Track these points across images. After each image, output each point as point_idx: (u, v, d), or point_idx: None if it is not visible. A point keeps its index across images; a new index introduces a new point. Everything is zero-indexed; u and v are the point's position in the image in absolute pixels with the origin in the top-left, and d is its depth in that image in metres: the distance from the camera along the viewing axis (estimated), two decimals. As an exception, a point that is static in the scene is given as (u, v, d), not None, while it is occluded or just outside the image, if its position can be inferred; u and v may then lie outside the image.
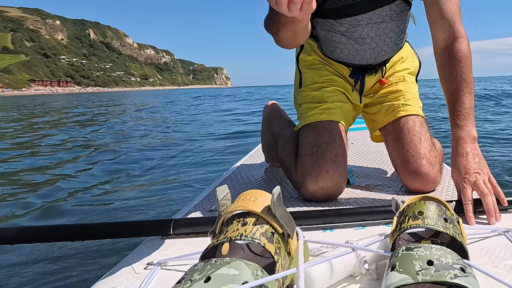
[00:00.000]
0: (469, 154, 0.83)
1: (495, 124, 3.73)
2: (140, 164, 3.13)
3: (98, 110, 10.76)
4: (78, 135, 5.69)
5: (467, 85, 0.90)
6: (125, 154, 3.80)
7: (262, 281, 0.38)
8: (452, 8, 0.95)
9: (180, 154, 3.52)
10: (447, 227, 0.52)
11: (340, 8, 1.03)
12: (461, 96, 0.89)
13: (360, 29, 1.06)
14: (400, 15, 1.07)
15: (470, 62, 0.93)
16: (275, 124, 1.31)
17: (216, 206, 0.51)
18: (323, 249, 0.59)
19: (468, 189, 0.77)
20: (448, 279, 0.39)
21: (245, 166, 1.48)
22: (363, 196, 1.03)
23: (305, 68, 1.20)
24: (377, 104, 1.18)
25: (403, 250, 0.45)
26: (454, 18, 0.95)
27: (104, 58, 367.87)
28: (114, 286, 0.55)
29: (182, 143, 4.42)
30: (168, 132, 5.85)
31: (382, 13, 1.03)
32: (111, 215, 1.70)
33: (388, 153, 1.17)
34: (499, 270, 0.57)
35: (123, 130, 6.24)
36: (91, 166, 3.13)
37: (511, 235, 0.65)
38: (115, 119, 8.29)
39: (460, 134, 0.87)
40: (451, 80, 0.92)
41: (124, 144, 4.57)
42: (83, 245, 1.26)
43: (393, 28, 1.09)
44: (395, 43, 1.14)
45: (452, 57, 0.93)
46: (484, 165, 0.83)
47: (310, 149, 1.00)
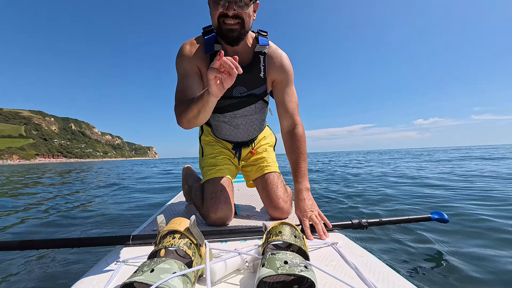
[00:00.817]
0: (306, 199, 1.21)
1: (322, 181, 5.54)
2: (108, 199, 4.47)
3: (76, 170, 16.72)
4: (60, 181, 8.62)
5: (303, 156, 1.31)
6: (91, 195, 5.00)
7: (184, 272, 0.58)
8: (292, 105, 1.37)
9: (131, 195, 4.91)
10: (296, 241, 0.73)
11: (224, 107, 1.43)
12: (300, 163, 1.30)
13: (236, 119, 1.49)
14: (261, 110, 1.52)
15: (304, 141, 1.34)
16: (190, 179, 1.74)
17: (157, 227, 0.72)
18: (221, 253, 0.81)
19: (306, 220, 1.12)
20: (297, 272, 0.58)
21: (174, 204, 1.95)
22: (245, 222, 1.38)
23: (205, 145, 1.63)
24: (250, 166, 1.64)
25: (269, 254, 0.64)
26: (294, 112, 1.37)
27: (80, 141, 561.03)
28: (97, 273, 0.76)
29: (131, 188, 5.87)
30: (116, 181, 7.67)
31: (250, 109, 1.47)
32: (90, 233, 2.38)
33: (259, 195, 1.57)
34: (328, 268, 0.77)
35: (92, 181, 8.11)
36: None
37: (335, 246, 0.93)
38: (86, 174, 12.29)
39: (299, 187, 1.27)
40: (293, 153, 1.33)
41: (95, 188, 6.12)
42: (77, 251, 1.75)
43: (257, 118, 1.53)
44: (259, 127, 1.60)
45: (293, 138, 1.35)
46: (315, 205, 1.21)
47: (210, 195, 1.35)
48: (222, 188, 1.39)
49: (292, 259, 0.61)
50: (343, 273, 0.73)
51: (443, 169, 7.11)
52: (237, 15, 1.16)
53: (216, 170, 1.50)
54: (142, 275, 0.54)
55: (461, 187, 3.99)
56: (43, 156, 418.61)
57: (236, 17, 1.16)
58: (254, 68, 1.36)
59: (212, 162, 1.55)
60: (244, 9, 1.16)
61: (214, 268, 0.69)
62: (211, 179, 1.46)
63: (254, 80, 1.39)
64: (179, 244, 0.65)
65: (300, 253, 0.75)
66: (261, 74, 1.38)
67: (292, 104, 1.39)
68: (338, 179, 5.83)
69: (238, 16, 1.17)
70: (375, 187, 4.42)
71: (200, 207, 1.46)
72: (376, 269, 0.76)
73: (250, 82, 1.39)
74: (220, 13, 1.15)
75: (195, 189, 1.56)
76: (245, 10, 1.16)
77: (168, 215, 1.58)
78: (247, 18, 1.19)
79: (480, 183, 4.24)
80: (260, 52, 1.35)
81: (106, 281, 0.70)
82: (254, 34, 1.37)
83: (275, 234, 0.75)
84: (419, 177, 5.48)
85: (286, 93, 1.39)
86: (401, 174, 6.26)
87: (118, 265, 0.81)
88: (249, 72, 1.36)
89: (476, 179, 4.82)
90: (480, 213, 2.33)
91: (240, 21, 1.18)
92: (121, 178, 9.19)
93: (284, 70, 1.38)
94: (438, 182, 4.65)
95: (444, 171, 6.53)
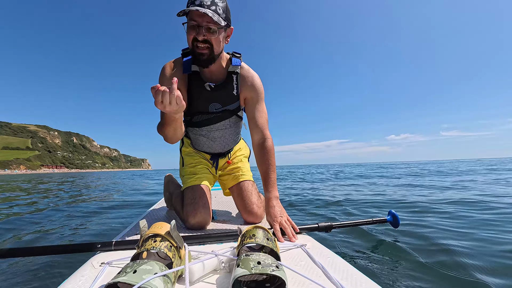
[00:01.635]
0: (275, 206, 1.30)
1: (295, 189, 5.98)
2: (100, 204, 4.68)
3: (78, 180, 16.88)
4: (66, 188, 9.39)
5: (272, 167, 1.41)
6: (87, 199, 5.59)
7: (165, 272, 0.61)
8: (262, 120, 1.48)
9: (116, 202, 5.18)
10: (268, 243, 0.78)
11: (201, 122, 1.53)
12: (269, 174, 1.39)
13: (213, 133, 1.58)
14: (235, 124, 1.63)
15: (273, 153, 1.44)
16: (171, 187, 1.85)
17: (139, 231, 0.75)
18: (200, 255, 0.85)
19: (276, 225, 1.20)
20: (269, 272, 0.62)
21: (155, 210, 2.04)
22: (221, 226, 1.45)
23: (185, 155, 1.70)
24: (227, 175, 1.74)
25: (244, 255, 0.68)
26: (264, 126, 1.47)
27: (81, 153, 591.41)
28: (82, 274, 0.78)
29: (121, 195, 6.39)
30: (112, 190, 8.23)
31: (225, 123, 1.57)
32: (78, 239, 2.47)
33: (234, 202, 1.67)
34: (297, 267, 0.82)
35: (91, 186, 9.62)
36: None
37: (304, 248, 0.99)
38: (87, 182, 14.02)
39: (269, 195, 1.36)
40: (263, 164, 1.43)
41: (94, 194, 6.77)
42: (65, 257, 1.72)
43: (232, 132, 1.63)
44: (234, 140, 1.70)
45: (263, 151, 1.44)
46: (283, 211, 1.29)
47: (190, 201, 1.41)
48: (201, 195, 1.45)
49: (265, 259, 0.66)
50: (311, 272, 0.79)
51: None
52: (207, 40, 1.25)
53: (195, 178, 1.56)
54: (126, 275, 0.57)
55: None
56: (48, 167, 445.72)
57: (205, 41, 1.25)
58: (228, 86, 1.46)
59: (192, 171, 1.62)
60: (214, 35, 1.24)
61: (192, 268, 0.72)
62: (190, 186, 1.52)
63: (228, 97, 1.49)
64: (160, 247, 0.69)
65: (272, 254, 0.80)
66: (234, 92, 1.49)
67: (262, 120, 1.49)
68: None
69: (207, 41, 1.26)
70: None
71: (180, 212, 1.53)
72: (341, 268, 0.82)
73: (224, 99, 1.49)
74: (192, 38, 1.25)
75: (176, 195, 1.64)
76: (214, 36, 1.25)
77: (150, 220, 1.64)
78: (216, 43, 1.28)
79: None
80: (233, 72, 1.46)
81: (91, 282, 0.72)
82: (228, 55, 1.47)
83: (249, 237, 0.80)
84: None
85: (257, 110, 1.49)
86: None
87: (102, 266, 0.83)
88: (223, 89, 1.46)
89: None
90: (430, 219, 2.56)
91: (210, 46, 1.27)
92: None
93: (255, 88, 1.49)
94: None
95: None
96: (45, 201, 5.27)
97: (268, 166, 1.41)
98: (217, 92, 1.46)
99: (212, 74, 1.44)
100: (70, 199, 5.69)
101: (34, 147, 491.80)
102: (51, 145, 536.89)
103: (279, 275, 0.62)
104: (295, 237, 1.14)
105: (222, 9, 1.23)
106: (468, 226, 2.30)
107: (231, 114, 1.56)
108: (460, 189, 5.19)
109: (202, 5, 1.18)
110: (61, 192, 7.70)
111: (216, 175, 1.75)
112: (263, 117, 1.50)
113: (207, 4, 1.19)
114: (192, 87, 1.43)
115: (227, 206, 2.10)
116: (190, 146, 1.72)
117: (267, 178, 1.39)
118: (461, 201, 3.60)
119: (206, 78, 1.45)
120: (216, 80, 1.45)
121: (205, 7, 1.18)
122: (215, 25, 1.22)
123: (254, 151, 1.50)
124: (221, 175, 1.77)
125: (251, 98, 1.49)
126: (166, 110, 0.98)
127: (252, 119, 1.49)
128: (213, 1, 1.20)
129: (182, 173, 1.67)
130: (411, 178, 8.97)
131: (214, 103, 1.49)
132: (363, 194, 4.80)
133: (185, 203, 1.43)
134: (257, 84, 1.49)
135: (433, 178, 8.36)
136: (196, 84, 1.43)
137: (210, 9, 1.18)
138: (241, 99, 1.53)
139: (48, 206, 4.45)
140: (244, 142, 1.93)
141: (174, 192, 1.71)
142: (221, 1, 1.24)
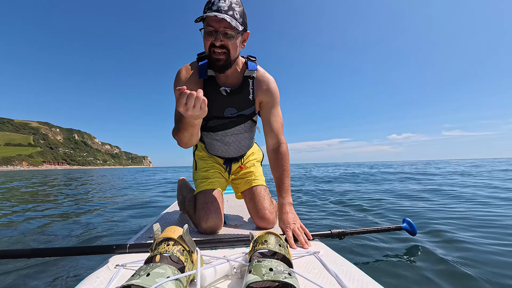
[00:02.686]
0: (288, 213, 1.29)
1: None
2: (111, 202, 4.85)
3: (80, 176, 17.73)
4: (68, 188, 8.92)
5: (286, 172, 1.39)
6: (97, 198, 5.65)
7: (178, 276, 0.61)
8: (277, 125, 1.47)
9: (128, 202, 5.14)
10: (280, 249, 0.77)
11: (216, 126, 1.53)
12: (283, 179, 1.38)
13: (227, 137, 1.58)
14: (250, 128, 1.62)
15: (288, 159, 1.43)
16: (184, 190, 1.88)
17: (153, 234, 0.76)
18: (211, 260, 0.85)
19: (289, 232, 1.19)
20: (282, 279, 0.61)
21: (169, 213, 2.06)
22: (233, 231, 1.45)
23: (198, 159, 1.72)
24: (239, 179, 1.73)
25: (256, 261, 0.67)
26: (279, 131, 1.47)
27: (82, 150, 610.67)
28: (98, 276, 0.80)
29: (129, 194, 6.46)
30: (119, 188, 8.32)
31: (239, 128, 1.57)
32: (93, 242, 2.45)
33: (247, 206, 1.66)
34: (310, 275, 0.81)
35: (93, 186, 9.21)
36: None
37: (317, 255, 0.98)
38: (88, 179, 14.13)
39: (283, 202, 1.35)
40: (277, 169, 1.42)
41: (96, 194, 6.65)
42: (82, 257, 1.78)
43: (246, 136, 1.63)
44: (248, 144, 1.70)
45: (277, 156, 1.43)
46: (297, 218, 1.28)
47: (202, 205, 1.42)
48: (213, 199, 1.46)
49: (277, 266, 0.65)
50: (325, 281, 0.77)
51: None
52: (224, 45, 1.25)
53: (208, 183, 1.57)
54: (139, 278, 0.58)
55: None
56: (50, 163, 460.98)
57: (222, 47, 1.25)
58: (244, 91, 1.46)
59: (205, 175, 1.63)
60: (231, 40, 1.25)
61: (204, 273, 0.73)
62: (203, 190, 1.53)
63: (244, 102, 1.48)
64: (173, 251, 0.69)
65: (284, 261, 0.79)
66: (250, 97, 1.48)
67: (277, 124, 1.48)
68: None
69: (225, 47, 1.26)
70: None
71: (192, 216, 1.54)
72: (355, 277, 0.80)
73: (240, 104, 1.48)
74: (210, 43, 1.25)
75: (188, 199, 1.65)
76: (231, 42, 1.25)
77: (163, 223, 1.66)
78: (233, 49, 1.28)
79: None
80: (249, 76, 1.45)
81: (106, 284, 0.74)
82: (243, 59, 1.47)
83: (261, 242, 0.80)
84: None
85: (272, 114, 1.48)
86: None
87: (117, 269, 0.85)
88: (239, 94, 1.46)
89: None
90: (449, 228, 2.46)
91: (226, 51, 1.27)
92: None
93: (271, 93, 1.48)
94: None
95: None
96: (59, 201, 5.37)
97: (282, 171, 1.41)
98: (233, 97, 1.45)
99: (228, 79, 1.44)
100: (80, 198, 5.80)
101: (36, 143, 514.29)
102: (52, 141, 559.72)
103: (292, 282, 0.61)
104: (308, 244, 1.13)
105: (239, 14, 1.23)
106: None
107: (246, 119, 1.55)
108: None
109: (220, 10, 1.18)
110: (72, 190, 7.90)
111: (228, 179, 1.76)
112: (278, 122, 1.49)
113: (225, 9, 1.18)
114: (208, 91, 1.43)
115: (239, 210, 2.10)
116: (204, 150, 1.72)
117: (281, 183, 1.39)
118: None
119: (222, 83, 1.45)
120: (231, 85, 1.45)
121: (223, 12, 1.18)
122: (233, 30, 1.22)
123: (268, 156, 1.50)
124: (234, 179, 1.77)
125: (267, 102, 1.49)
126: (188, 113, 0.98)
127: (268, 123, 1.48)
128: (230, 6, 1.20)
129: (195, 177, 1.68)
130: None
131: (230, 108, 1.49)
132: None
133: (197, 207, 1.44)
134: (273, 88, 1.48)
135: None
136: (212, 88, 1.43)
137: (227, 15, 1.18)
138: (256, 104, 1.52)
139: (62, 206, 4.56)
140: (257, 146, 1.93)
141: (187, 196, 1.72)
142: (238, 5, 1.23)
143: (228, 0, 1.20)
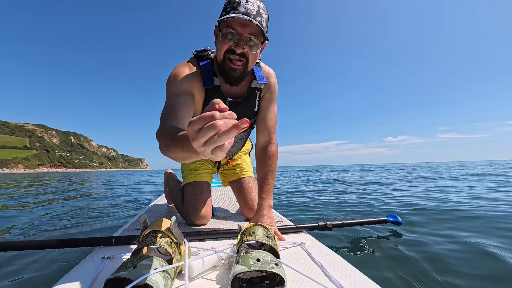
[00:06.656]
0: (266, 216, 1.24)
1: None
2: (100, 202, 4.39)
3: (77, 180, 16.22)
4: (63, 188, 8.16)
5: (272, 174, 1.32)
6: (91, 196, 5.22)
7: (165, 268, 0.62)
8: (271, 123, 1.38)
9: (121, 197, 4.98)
10: (268, 241, 0.79)
11: None
12: (267, 180, 1.31)
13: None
14: (247, 134, 1.59)
15: (276, 160, 1.35)
16: (170, 183, 1.85)
17: (140, 226, 0.76)
18: (199, 251, 0.86)
19: (275, 227, 1.15)
20: (269, 269, 0.62)
21: (156, 205, 2.06)
22: (221, 222, 1.46)
23: None
24: (228, 170, 1.74)
25: (243, 252, 0.68)
26: (272, 130, 1.38)
27: (79, 152, 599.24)
28: (83, 269, 0.79)
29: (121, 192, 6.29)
30: (112, 188, 8.00)
31: (238, 135, 1.52)
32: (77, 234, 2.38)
33: (236, 197, 1.67)
34: (296, 265, 0.83)
35: (93, 186, 8.78)
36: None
37: (303, 246, 1.00)
38: (85, 181, 13.38)
39: (262, 203, 1.28)
40: (263, 169, 1.34)
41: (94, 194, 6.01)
42: (66, 251, 1.67)
43: (243, 142, 1.62)
44: (241, 146, 1.67)
45: (266, 155, 1.35)
46: (273, 223, 1.22)
47: (191, 197, 1.42)
48: (201, 191, 1.46)
49: (264, 257, 0.66)
50: (310, 270, 0.79)
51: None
52: (244, 53, 1.08)
53: (196, 174, 1.57)
54: (126, 270, 0.58)
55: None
56: (45, 166, 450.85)
57: (242, 55, 1.08)
58: (249, 103, 1.34)
59: (192, 167, 1.62)
60: (253, 49, 1.08)
61: (192, 265, 0.73)
62: (191, 182, 1.53)
63: (247, 114, 1.35)
64: (161, 243, 0.69)
65: (272, 252, 0.80)
66: (255, 109, 1.36)
67: (271, 122, 1.40)
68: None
69: (245, 55, 1.08)
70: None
71: (180, 208, 1.53)
72: (340, 267, 0.82)
73: (243, 116, 1.33)
74: (227, 48, 1.07)
75: (176, 191, 1.64)
76: (253, 51, 1.09)
77: (150, 215, 1.67)
78: (252, 59, 1.12)
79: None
80: (256, 88, 1.32)
81: (91, 277, 0.73)
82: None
83: (249, 234, 0.81)
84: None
85: (269, 110, 1.39)
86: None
87: (103, 261, 0.84)
88: (244, 106, 1.33)
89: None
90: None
91: (245, 61, 1.10)
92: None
93: (271, 89, 1.37)
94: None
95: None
96: (48, 197, 5.29)
97: (268, 172, 1.33)
98: (237, 109, 1.29)
99: (233, 88, 1.27)
100: (69, 194, 5.72)
101: (32, 146, 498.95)
102: (49, 144, 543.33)
103: (278, 272, 0.62)
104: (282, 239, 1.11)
105: (265, 22, 1.07)
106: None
107: (247, 128, 1.48)
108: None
109: (248, 13, 1.01)
110: (63, 186, 7.75)
111: (217, 171, 1.76)
112: (273, 120, 1.40)
113: (253, 13, 1.02)
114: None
115: (227, 202, 2.12)
116: None
117: (264, 184, 1.31)
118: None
119: (226, 92, 1.28)
120: (236, 95, 1.29)
121: (251, 16, 1.01)
122: (257, 38, 1.06)
123: (256, 153, 1.42)
124: (221, 170, 1.79)
125: (266, 98, 1.38)
126: (209, 155, 0.50)
127: (262, 119, 1.39)
128: (259, 11, 1.04)
129: (182, 168, 1.67)
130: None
131: None
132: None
133: (186, 199, 1.44)
134: (273, 85, 1.38)
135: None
136: (216, 98, 1.29)
137: (255, 20, 1.01)
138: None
139: (48, 201, 4.47)
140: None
141: (174, 188, 1.72)
142: (265, 12, 1.07)
143: (256, 4, 1.04)
